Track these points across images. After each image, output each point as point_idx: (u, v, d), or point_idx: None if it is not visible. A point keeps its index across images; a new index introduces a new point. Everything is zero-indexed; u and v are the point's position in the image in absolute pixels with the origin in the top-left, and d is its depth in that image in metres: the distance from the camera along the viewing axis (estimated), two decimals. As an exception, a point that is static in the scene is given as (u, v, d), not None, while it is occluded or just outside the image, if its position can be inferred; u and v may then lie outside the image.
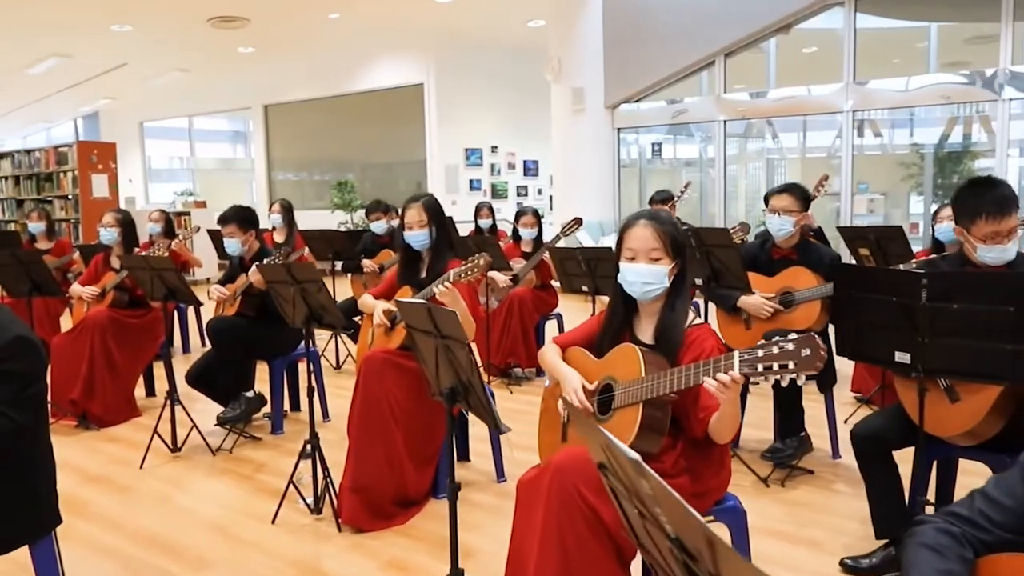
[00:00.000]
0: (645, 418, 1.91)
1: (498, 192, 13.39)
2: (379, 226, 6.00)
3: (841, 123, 8.65)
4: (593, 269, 4.35)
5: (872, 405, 4.38)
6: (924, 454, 2.40)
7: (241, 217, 4.14)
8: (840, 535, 2.94)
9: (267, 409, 4.37)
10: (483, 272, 2.86)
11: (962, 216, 2.47)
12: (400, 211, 3.33)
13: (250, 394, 4.15)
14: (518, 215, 5.75)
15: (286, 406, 4.53)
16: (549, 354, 2.29)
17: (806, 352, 1.62)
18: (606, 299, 4.59)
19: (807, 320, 3.50)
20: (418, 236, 3.26)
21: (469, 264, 2.89)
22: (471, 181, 13.07)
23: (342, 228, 12.45)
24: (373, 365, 3.09)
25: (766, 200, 3.76)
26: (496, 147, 13.25)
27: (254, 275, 3.87)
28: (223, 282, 4.34)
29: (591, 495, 1.88)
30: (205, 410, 4.35)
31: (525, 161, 13.85)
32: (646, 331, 2.18)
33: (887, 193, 13.46)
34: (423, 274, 3.35)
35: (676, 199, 5.86)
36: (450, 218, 6.48)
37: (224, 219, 4.14)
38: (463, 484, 3.49)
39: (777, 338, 1.70)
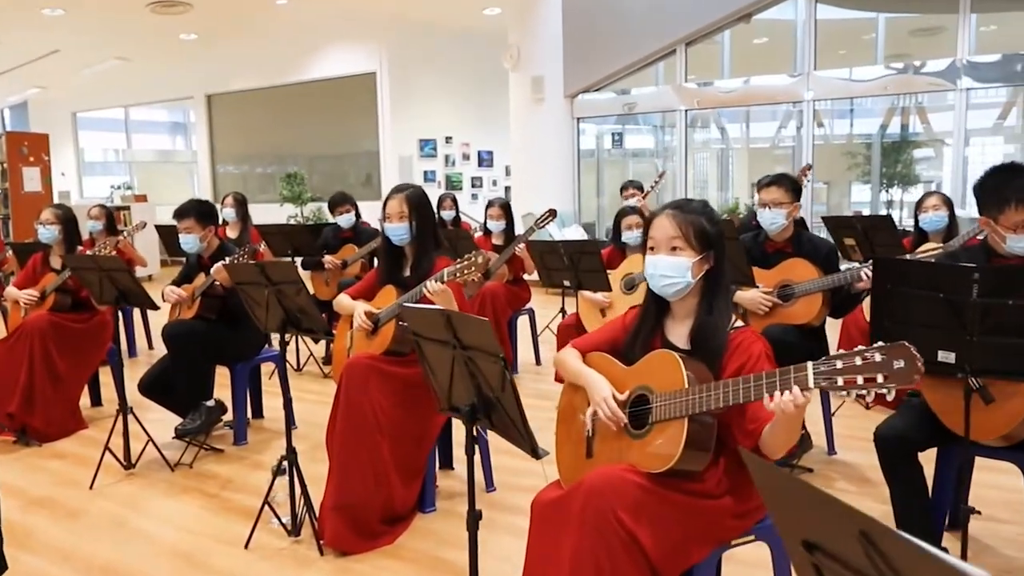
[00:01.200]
0: (691, 434, 1.71)
1: (453, 184, 13.10)
2: (347, 219, 5.68)
3: (783, 114, 8.59)
4: (576, 263, 4.15)
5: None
6: (961, 459, 2.26)
7: (200, 211, 3.81)
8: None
9: (228, 417, 4.05)
10: (481, 271, 2.63)
11: (988, 206, 2.35)
12: (383, 203, 3.07)
13: (210, 403, 3.83)
14: (487, 207, 5.51)
15: (248, 413, 4.22)
16: (571, 359, 2.07)
17: (899, 364, 1.42)
18: (589, 294, 4.46)
19: (807, 314, 3.36)
20: (397, 229, 3.01)
21: (465, 262, 2.65)
22: (425, 172, 12.75)
23: (291, 222, 12.04)
24: (356, 372, 2.83)
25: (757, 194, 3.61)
26: (450, 138, 12.95)
27: (219, 274, 3.55)
28: (179, 282, 4.00)
29: (630, 519, 1.68)
30: (160, 420, 4.01)
31: (480, 152, 13.58)
32: (680, 334, 1.98)
33: (830, 182, 13.76)
34: (407, 272, 3.10)
35: (651, 188, 5.71)
36: None
37: (181, 213, 3.80)
38: (448, 495, 3.27)
39: (860, 347, 1.50)
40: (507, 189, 14.03)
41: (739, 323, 1.99)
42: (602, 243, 4.30)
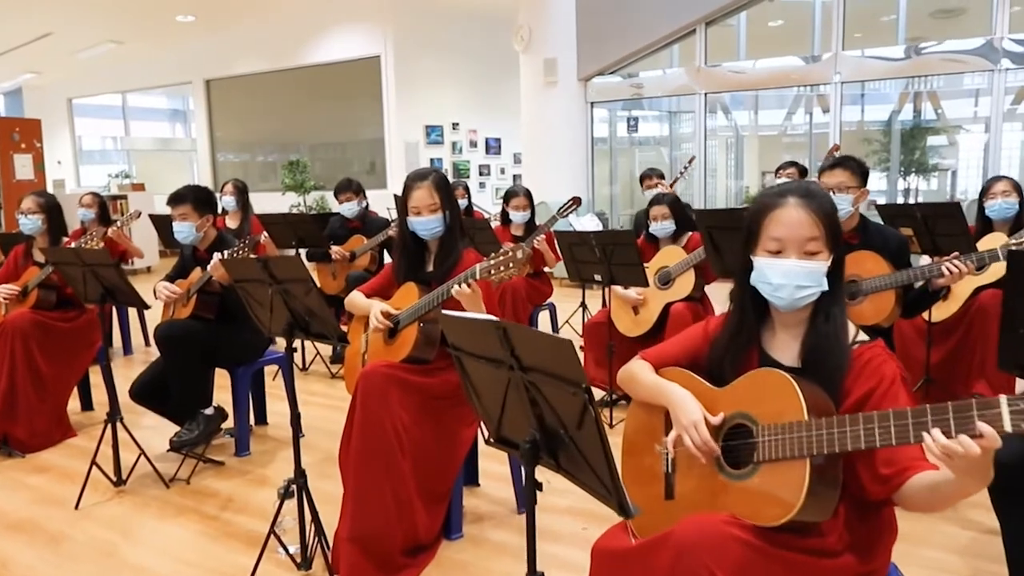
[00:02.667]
0: (814, 479, 1.34)
1: (460, 172, 12.71)
2: (349, 208, 5.31)
3: (792, 100, 8.15)
4: (609, 256, 3.78)
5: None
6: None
7: (197, 197, 3.43)
8: (942, 573, 2.45)
9: (229, 424, 3.70)
10: (522, 270, 2.26)
11: None
12: (403, 190, 2.69)
13: (209, 411, 3.47)
14: (508, 195, 5.13)
15: (251, 419, 3.87)
16: (644, 372, 1.71)
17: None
18: (621, 290, 4.09)
19: (877, 313, 3.00)
20: (430, 223, 2.64)
21: (502, 257, 2.27)
22: (432, 160, 12.34)
23: (294, 211, 11.66)
24: (374, 384, 2.46)
25: (818, 179, 3.24)
26: (457, 124, 12.54)
27: (216, 269, 3.18)
28: (172, 277, 3.64)
29: None
30: (155, 427, 3.67)
31: (487, 139, 13.18)
32: (783, 349, 1.61)
33: None
34: (429, 267, 2.73)
35: (680, 175, 5.33)
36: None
37: (176, 198, 3.43)
38: (475, 517, 2.92)
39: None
40: (515, 177, 13.64)
41: (863, 336, 1.61)
42: (632, 234, 3.92)
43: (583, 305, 6.09)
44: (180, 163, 16.63)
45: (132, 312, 5.91)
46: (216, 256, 3.14)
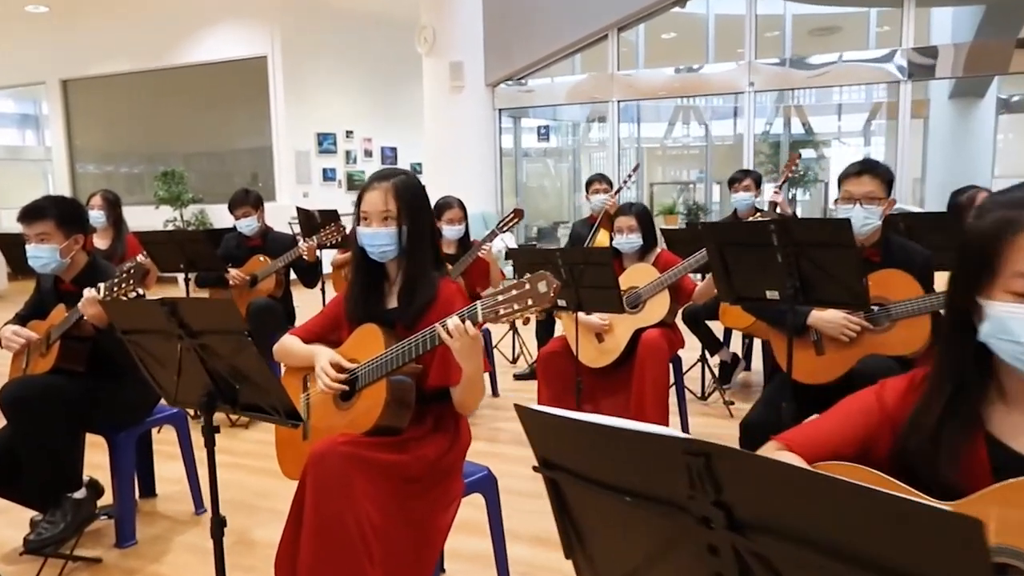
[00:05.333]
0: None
1: (354, 183, 11.88)
2: (248, 224, 4.50)
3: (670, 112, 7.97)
4: (578, 277, 3.22)
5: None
6: None
7: (63, 212, 2.61)
8: None
9: (107, 497, 2.87)
10: (546, 308, 1.64)
11: None
12: (357, 198, 2.03)
13: (79, 494, 2.64)
14: (439, 208, 4.48)
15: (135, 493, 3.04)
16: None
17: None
18: (583, 315, 3.55)
19: (911, 342, 2.59)
20: (377, 237, 1.98)
21: (516, 291, 1.64)
22: (325, 170, 11.47)
23: (170, 227, 10.50)
24: (330, 469, 1.78)
25: (838, 187, 2.81)
26: (351, 132, 11.72)
27: (90, 308, 2.38)
28: (25, 317, 2.79)
29: None
30: (5, 512, 2.79)
31: (383, 148, 12.42)
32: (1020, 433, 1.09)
33: (721, 182, 13.79)
34: (392, 302, 2.07)
35: (624, 184, 4.87)
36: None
37: (33, 213, 2.60)
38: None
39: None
40: (413, 188, 12.94)
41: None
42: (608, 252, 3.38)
43: (513, 329, 5.53)
44: (32, 175, 14.85)
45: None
46: (89, 292, 2.34)
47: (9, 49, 11.99)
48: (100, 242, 4.71)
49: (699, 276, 4.01)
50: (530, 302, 1.64)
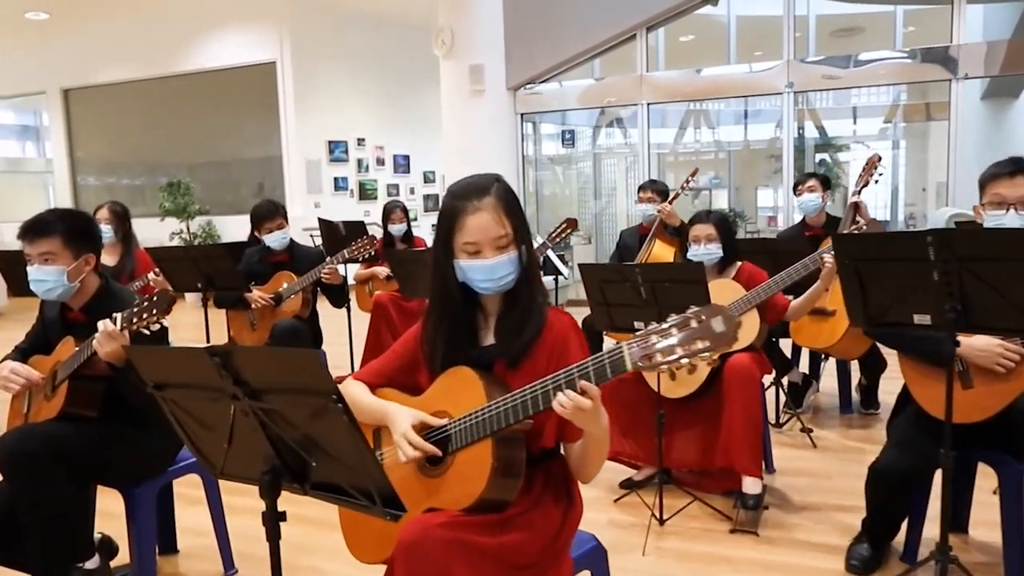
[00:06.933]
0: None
1: (367, 192, 11.49)
2: (278, 238, 4.09)
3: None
4: (661, 297, 2.80)
5: None
6: None
7: (72, 227, 2.20)
8: None
9: (122, 557, 2.46)
10: (718, 353, 1.22)
11: None
12: (444, 213, 1.61)
13: (92, 563, 2.21)
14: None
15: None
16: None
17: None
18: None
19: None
20: (499, 268, 1.56)
21: (683, 329, 1.21)
22: (336, 179, 11.07)
23: (176, 240, 10.09)
24: (427, 558, 1.36)
25: (981, 190, 2.40)
26: (363, 140, 11.32)
27: (106, 343, 1.96)
28: (25, 352, 2.37)
29: None
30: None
31: (396, 156, 12.02)
32: None
33: (740, 187, 13.49)
34: (487, 337, 1.65)
35: (681, 190, 4.45)
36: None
37: (36, 228, 2.19)
38: None
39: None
40: (426, 198, 12.54)
41: None
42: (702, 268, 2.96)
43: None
44: (32, 187, 14.47)
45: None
46: (105, 325, 1.92)
47: (9, 58, 11.61)
48: (107, 258, 4.28)
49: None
50: (701, 345, 1.22)
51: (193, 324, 5.58)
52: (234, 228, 10.16)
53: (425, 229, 10.43)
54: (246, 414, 1.21)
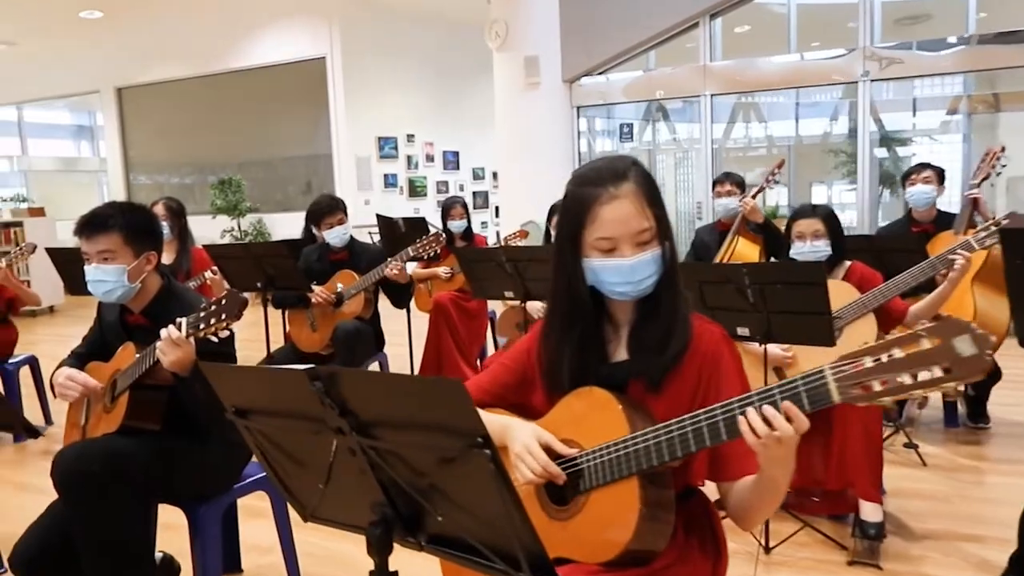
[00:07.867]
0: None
1: (416, 189, 11.32)
2: (339, 234, 3.88)
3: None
4: (769, 300, 2.51)
5: None
6: None
7: (131, 223, 2.00)
8: None
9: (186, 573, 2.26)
10: (964, 381, 0.98)
11: None
12: (567, 204, 1.35)
13: (155, 591, 2.01)
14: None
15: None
16: None
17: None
18: (774, 349, 2.80)
19: None
20: (639, 268, 1.30)
21: (910, 347, 0.95)
22: (386, 176, 10.91)
23: (227, 238, 10.04)
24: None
25: None
26: (412, 136, 11.15)
27: (170, 352, 1.76)
28: (83, 357, 2.18)
29: None
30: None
31: (445, 152, 11.83)
32: None
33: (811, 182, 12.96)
34: (620, 352, 1.38)
35: (766, 184, 4.14)
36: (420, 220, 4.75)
37: (94, 224, 2.00)
38: None
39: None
40: (475, 195, 12.32)
41: None
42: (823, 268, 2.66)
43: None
44: (87, 186, 14.66)
45: (45, 368, 4.32)
46: (170, 332, 1.71)
47: (64, 58, 11.71)
48: (164, 256, 4.13)
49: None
50: (939, 373, 0.94)
51: (246, 323, 5.42)
52: (283, 226, 10.08)
53: (475, 226, 10.23)
54: (352, 452, 0.97)
